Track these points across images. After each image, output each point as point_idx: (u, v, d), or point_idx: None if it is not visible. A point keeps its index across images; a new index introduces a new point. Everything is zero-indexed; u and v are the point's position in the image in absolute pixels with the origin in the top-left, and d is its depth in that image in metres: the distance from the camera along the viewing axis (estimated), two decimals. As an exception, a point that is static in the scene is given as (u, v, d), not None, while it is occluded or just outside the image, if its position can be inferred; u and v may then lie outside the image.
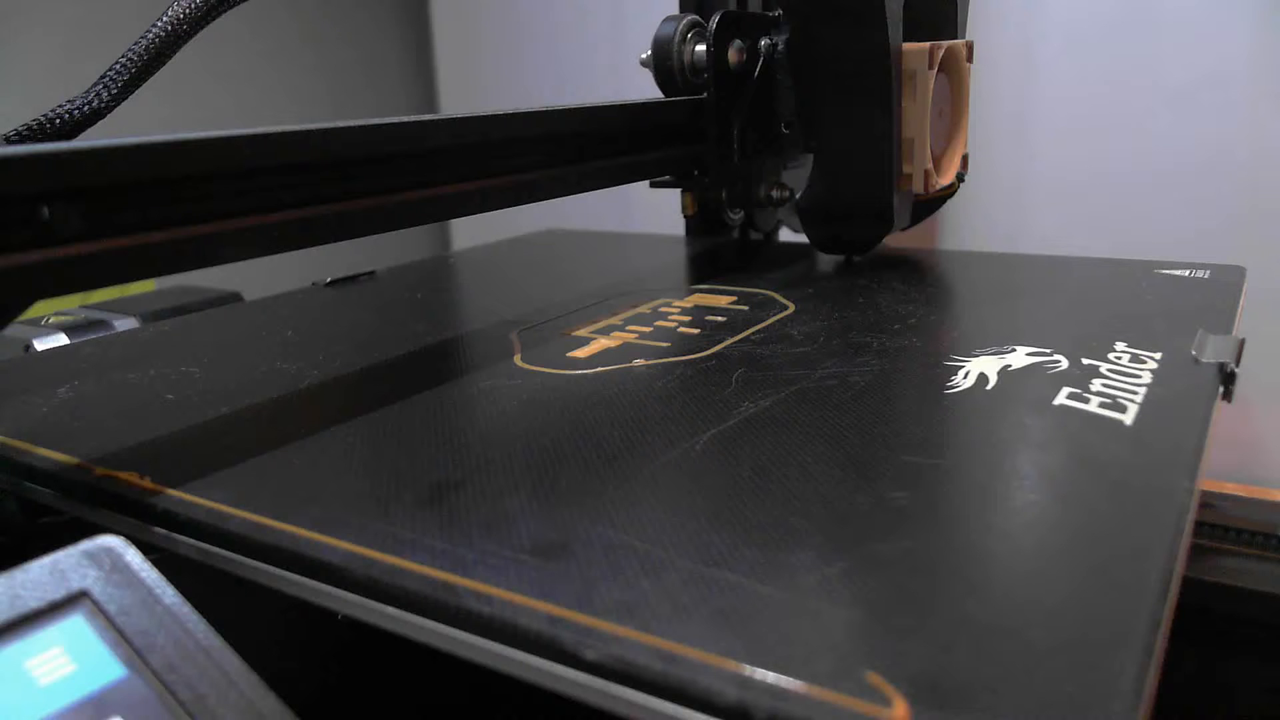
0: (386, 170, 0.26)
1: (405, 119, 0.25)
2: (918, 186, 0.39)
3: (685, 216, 0.49)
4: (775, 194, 0.46)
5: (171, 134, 0.20)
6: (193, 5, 0.28)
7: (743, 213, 0.48)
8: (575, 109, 0.32)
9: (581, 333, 0.31)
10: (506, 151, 0.30)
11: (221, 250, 0.22)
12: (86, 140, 0.22)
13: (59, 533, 0.23)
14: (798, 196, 0.41)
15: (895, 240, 0.42)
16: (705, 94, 0.39)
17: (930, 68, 0.37)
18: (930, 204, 0.43)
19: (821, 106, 0.39)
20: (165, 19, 0.28)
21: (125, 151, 0.19)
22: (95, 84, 0.28)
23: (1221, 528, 0.27)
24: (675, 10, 0.44)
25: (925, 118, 0.37)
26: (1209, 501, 0.33)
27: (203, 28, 0.29)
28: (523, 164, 0.30)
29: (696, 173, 0.40)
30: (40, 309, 0.62)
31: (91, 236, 0.19)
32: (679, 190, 0.46)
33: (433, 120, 0.26)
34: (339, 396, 0.27)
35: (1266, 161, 0.57)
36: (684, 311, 0.33)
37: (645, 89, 0.41)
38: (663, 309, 0.33)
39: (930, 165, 0.38)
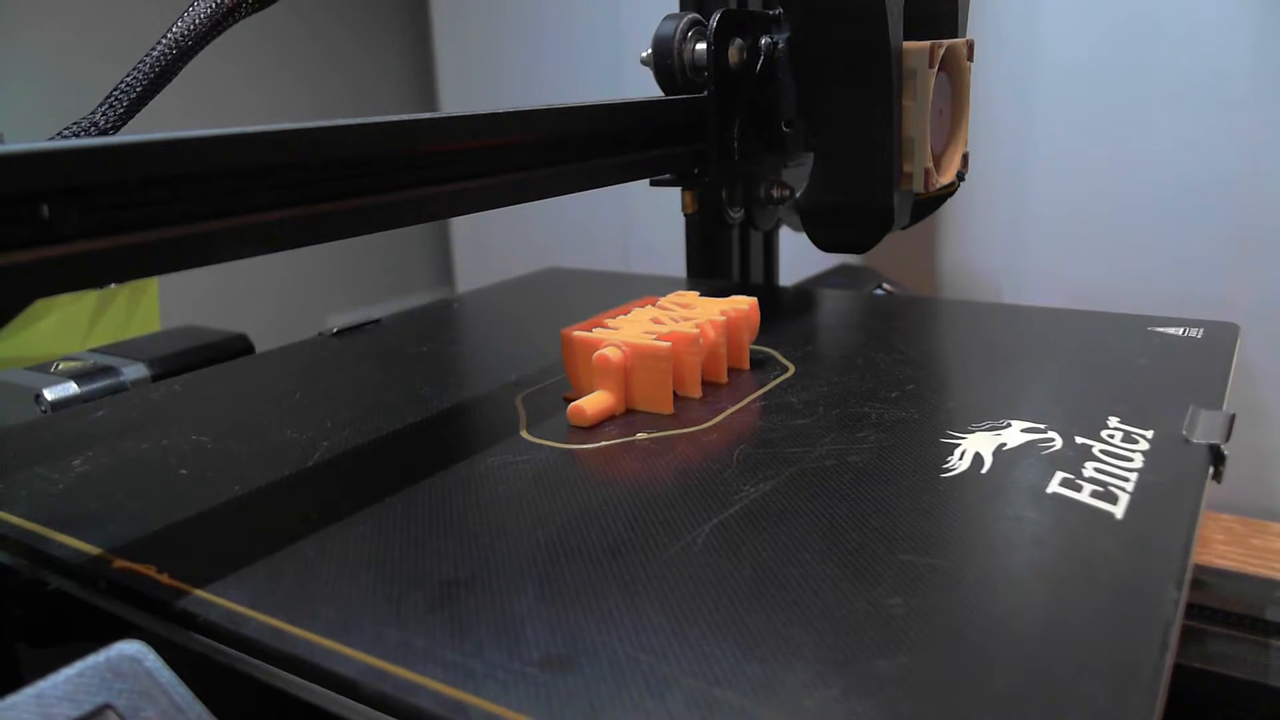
0: (386, 169, 0.26)
1: (404, 118, 0.26)
2: (918, 185, 0.39)
3: (685, 215, 0.49)
4: (775, 193, 0.46)
5: (171, 133, 0.20)
6: (196, 21, 0.29)
7: (743, 211, 0.49)
8: (575, 108, 0.32)
9: (585, 398, 0.31)
10: (506, 150, 0.30)
11: (220, 249, 0.22)
12: (86, 139, 0.22)
13: (74, 604, 0.24)
14: (798, 195, 0.42)
15: (895, 240, 0.42)
16: (705, 92, 0.39)
17: (931, 66, 0.37)
18: (930, 202, 0.43)
19: (822, 105, 0.39)
20: (169, 36, 0.29)
21: (124, 150, 0.19)
22: (100, 104, 0.29)
23: (1209, 609, 0.28)
24: (675, 9, 0.44)
25: (925, 117, 0.37)
26: (1197, 577, 0.33)
27: (207, 44, 0.29)
28: (523, 163, 0.31)
29: (697, 171, 0.40)
30: (50, 354, 0.63)
31: (91, 235, 0.19)
32: (679, 189, 0.46)
33: (432, 119, 0.26)
34: (349, 474, 0.27)
35: (1267, 159, 0.58)
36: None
37: (645, 88, 0.41)
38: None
39: (930, 164, 0.38)
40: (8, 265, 0.17)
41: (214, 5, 0.29)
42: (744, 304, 0.34)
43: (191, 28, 0.29)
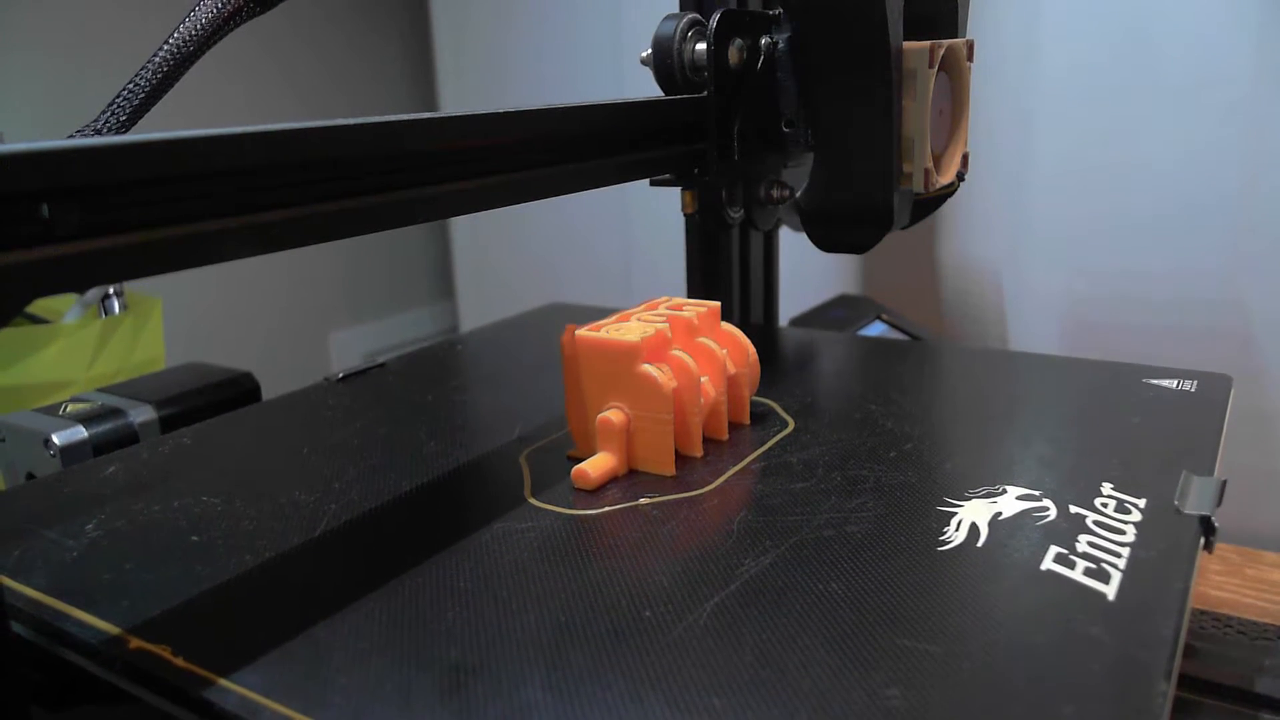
0: (385, 169, 0.26)
1: (404, 117, 0.26)
2: (917, 185, 0.39)
3: (685, 215, 0.49)
4: (775, 193, 0.47)
5: (170, 133, 0.20)
6: (198, 27, 0.29)
7: (743, 211, 0.49)
8: (575, 108, 0.32)
9: (588, 461, 0.32)
10: (506, 150, 0.30)
11: (220, 248, 0.22)
12: (86, 139, 0.21)
13: (89, 673, 0.24)
14: (798, 195, 0.42)
15: (895, 239, 0.42)
16: (705, 92, 0.39)
17: (931, 66, 0.37)
18: (930, 202, 0.43)
19: (822, 105, 0.39)
20: (171, 42, 0.29)
21: (124, 150, 0.19)
22: (104, 111, 0.29)
23: (1200, 680, 0.28)
24: (676, 9, 0.44)
25: (925, 117, 0.38)
26: (1189, 643, 0.34)
27: (209, 48, 0.29)
28: (523, 163, 0.31)
29: (697, 171, 0.40)
30: (54, 380, 0.63)
31: (91, 234, 0.19)
32: (679, 189, 0.46)
33: (431, 119, 0.26)
34: (357, 543, 0.28)
35: (1268, 157, 0.58)
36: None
37: (646, 88, 0.41)
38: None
39: (930, 164, 0.39)
40: (8, 265, 0.17)
41: (215, 10, 0.29)
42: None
43: (193, 33, 0.29)
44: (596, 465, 0.31)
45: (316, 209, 0.24)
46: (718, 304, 0.35)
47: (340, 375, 0.43)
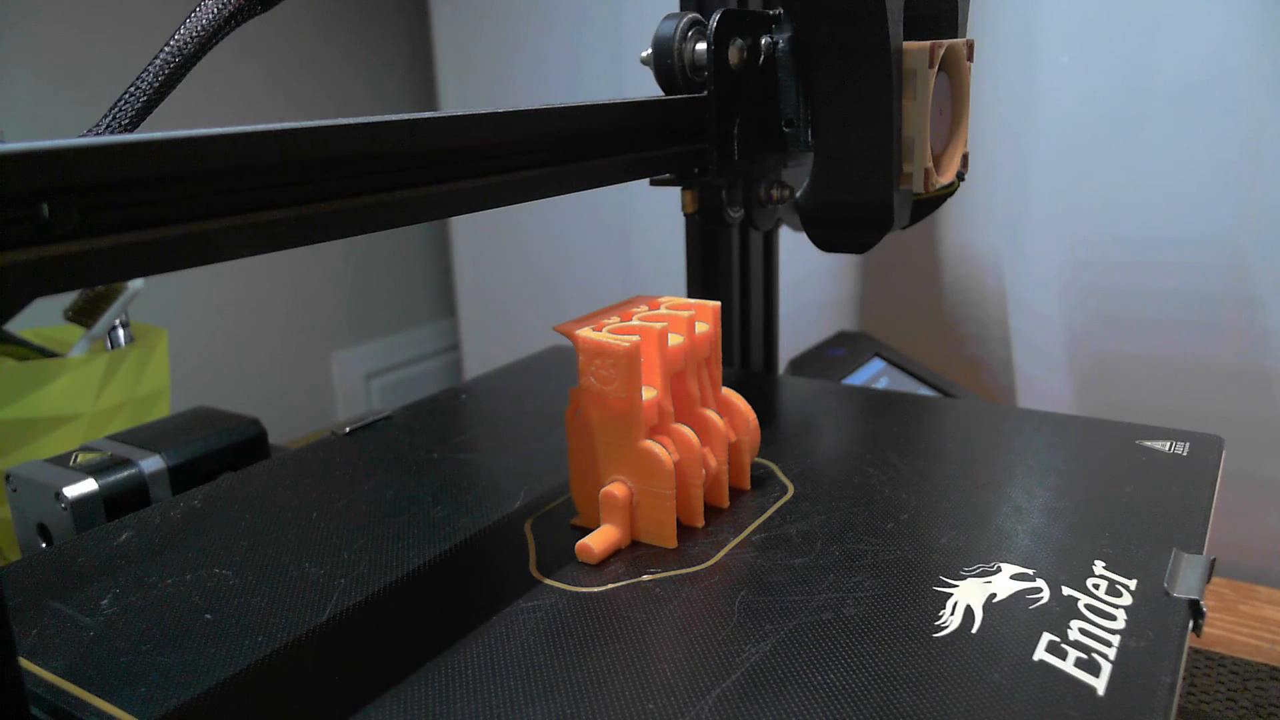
0: (385, 168, 0.26)
1: (404, 117, 0.26)
2: (917, 185, 0.39)
3: (685, 215, 0.50)
4: (775, 193, 0.47)
5: (171, 132, 0.20)
6: (200, 27, 0.29)
7: (743, 211, 0.50)
8: (575, 108, 0.33)
9: (592, 535, 0.32)
10: (506, 150, 0.30)
11: (220, 247, 0.22)
12: (86, 138, 0.21)
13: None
14: (798, 195, 0.42)
15: (894, 239, 0.42)
16: (706, 92, 0.39)
17: (931, 66, 0.37)
18: (930, 202, 0.44)
19: (821, 105, 0.39)
20: (173, 43, 0.28)
21: (125, 149, 0.19)
22: (107, 114, 0.29)
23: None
24: (676, 9, 0.44)
25: (925, 117, 0.38)
26: None
27: (210, 48, 0.29)
28: (523, 163, 0.31)
29: (696, 171, 0.40)
30: (62, 413, 0.63)
31: (91, 234, 0.19)
32: (679, 189, 0.47)
33: (431, 119, 0.27)
34: (366, 623, 0.28)
35: (1268, 156, 0.59)
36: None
37: (646, 88, 0.41)
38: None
39: (930, 164, 0.39)
40: (8, 264, 0.18)
41: (217, 9, 0.29)
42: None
43: (195, 33, 0.29)
44: (600, 540, 0.31)
45: (316, 209, 0.24)
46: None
47: (347, 429, 0.43)
